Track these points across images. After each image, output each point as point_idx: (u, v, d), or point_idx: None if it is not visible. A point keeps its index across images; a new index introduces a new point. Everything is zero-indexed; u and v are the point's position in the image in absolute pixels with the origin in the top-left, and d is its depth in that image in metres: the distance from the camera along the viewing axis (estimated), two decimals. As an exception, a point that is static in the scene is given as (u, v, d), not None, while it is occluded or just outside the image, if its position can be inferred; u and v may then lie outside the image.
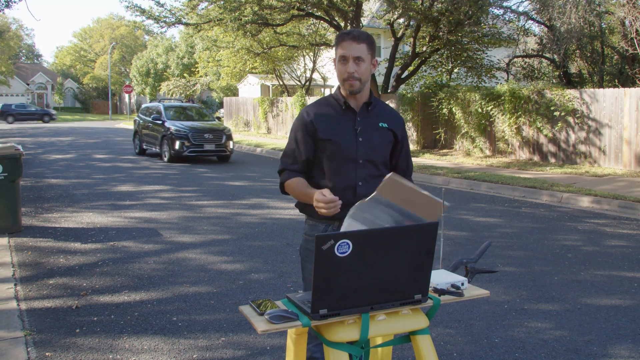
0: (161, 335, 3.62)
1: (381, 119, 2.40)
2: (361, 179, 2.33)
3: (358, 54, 2.25)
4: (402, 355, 3.34)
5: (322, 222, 2.38)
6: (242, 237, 6.26)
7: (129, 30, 65.14)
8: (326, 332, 1.81)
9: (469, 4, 13.78)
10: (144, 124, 15.85)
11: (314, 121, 2.35)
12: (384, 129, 2.38)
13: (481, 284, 4.44)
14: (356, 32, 2.27)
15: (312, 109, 2.41)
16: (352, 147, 2.32)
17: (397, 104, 16.72)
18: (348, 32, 2.28)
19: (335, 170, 2.32)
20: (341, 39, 2.28)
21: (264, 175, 11.85)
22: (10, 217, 6.34)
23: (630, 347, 3.49)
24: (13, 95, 58.33)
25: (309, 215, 2.43)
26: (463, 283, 2.03)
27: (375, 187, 2.31)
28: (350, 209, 1.99)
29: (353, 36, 2.26)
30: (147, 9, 15.26)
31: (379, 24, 19.95)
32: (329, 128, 2.33)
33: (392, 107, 2.50)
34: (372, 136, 2.35)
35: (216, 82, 36.64)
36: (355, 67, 2.25)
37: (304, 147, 2.36)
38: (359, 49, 2.24)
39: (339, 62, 2.29)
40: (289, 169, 2.40)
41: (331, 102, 2.41)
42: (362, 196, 2.29)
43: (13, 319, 3.83)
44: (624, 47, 15.96)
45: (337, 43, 2.30)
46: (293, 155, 2.39)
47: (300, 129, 2.38)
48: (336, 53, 2.32)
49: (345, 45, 2.25)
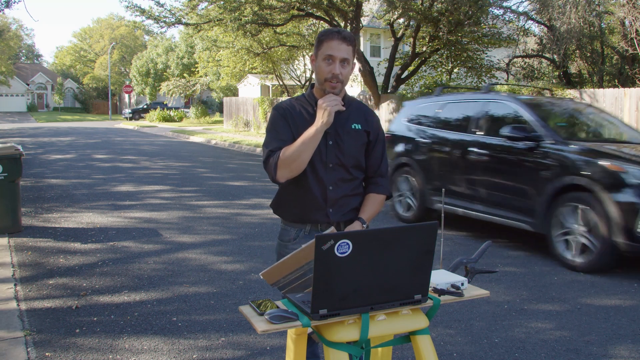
0: (161, 335, 3.62)
1: (354, 120, 2.31)
2: (332, 183, 2.28)
3: (346, 55, 2.18)
4: (402, 355, 3.34)
5: (294, 226, 2.35)
6: (242, 237, 6.26)
7: (129, 30, 65.11)
8: (326, 332, 1.81)
9: (469, 4, 13.78)
10: (446, 151, 6.78)
11: (287, 116, 2.28)
12: (356, 131, 2.30)
13: (481, 284, 4.44)
14: (346, 33, 2.20)
15: (287, 103, 2.33)
16: (321, 151, 2.25)
17: (397, 104, 16.72)
18: (338, 31, 2.19)
19: (307, 171, 2.25)
20: (329, 37, 2.18)
21: (264, 175, 11.85)
22: (10, 217, 6.34)
23: (630, 347, 3.49)
24: (13, 95, 58.39)
25: (282, 218, 2.40)
26: (463, 283, 2.03)
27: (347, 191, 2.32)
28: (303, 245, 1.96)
29: (343, 37, 2.17)
30: (147, 9, 15.26)
31: (379, 24, 19.96)
32: (300, 129, 2.24)
33: (367, 107, 2.40)
34: (342, 139, 2.27)
35: (216, 82, 36.62)
36: (340, 69, 2.18)
37: (285, 130, 2.27)
38: (347, 50, 2.18)
39: (323, 60, 2.19)
40: (274, 148, 2.24)
41: (303, 103, 2.33)
42: (333, 200, 2.29)
43: (13, 319, 3.83)
44: (624, 47, 15.96)
45: (323, 40, 2.19)
46: (276, 138, 2.26)
47: (278, 117, 2.29)
48: (318, 50, 2.21)
49: (334, 45, 2.16)
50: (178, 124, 35.07)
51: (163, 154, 16.65)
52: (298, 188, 2.30)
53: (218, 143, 20.82)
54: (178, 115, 39.07)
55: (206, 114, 38.29)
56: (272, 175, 2.23)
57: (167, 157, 15.62)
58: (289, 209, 2.36)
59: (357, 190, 2.35)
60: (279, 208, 2.41)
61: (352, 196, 2.33)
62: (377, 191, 2.37)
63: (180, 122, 37.62)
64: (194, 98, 48.21)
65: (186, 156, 15.89)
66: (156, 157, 15.33)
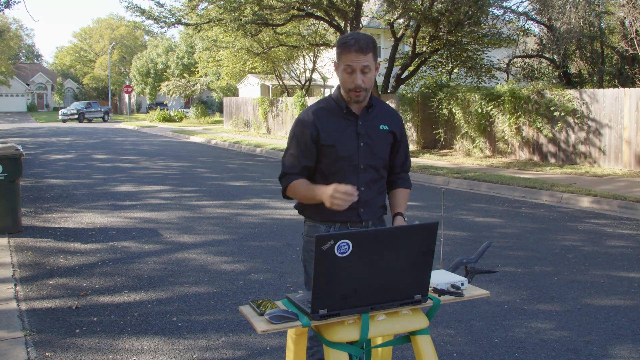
0: (161, 335, 3.62)
1: (381, 121, 2.36)
2: (363, 184, 2.31)
3: (366, 63, 2.17)
4: (402, 355, 3.34)
5: (323, 223, 2.35)
6: (242, 238, 6.26)
7: (129, 31, 65.13)
8: (326, 332, 1.81)
9: (469, 4, 13.79)
10: None
11: (317, 125, 2.28)
12: (384, 132, 2.35)
13: (481, 284, 4.45)
14: (363, 42, 2.16)
15: (314, 112, 2.32)
16: (354, 153, 2.29)
17: (397, 104, 16.72)
18: (354, 42, 2.15)
19: (337, 175, 2.29)
20: (347, 49, 2.17)
21: (264, 175, 11.85)
22: (10, 217, 6.34)
23: (630, 347, 3.49)
24: (13, 95, 58.43)
25: (309, 217, 2.40)
26: (463, 283, 2.03)
27: (376, 192, 2.38)
28: None
29: (360, 47, 2.15)
30: (147, 9, 15.28)
31: (379, 24, 19.95)
32: (331, 133, 2.28)
33: (390, 106, 2.47)
34: (373, 141, 2.32)
35: (216, 82, 36.64)
36: (362, 78, 2.19)
37: (306, 152, 2.30)
38: (367, 59, 2.16)
39: (344, 71, 2.20)
40: (290, 172, 2.32)
41: (332, 106, 2.34)
42: (364, 201, 2.33)
43: (13, 319, 3.83)
44: (624, 47, 15.95)
45: (342, 52, 2.19)
46: (294, 160, 2.32)
47: (302, 133, 2.30)
48: (339, 60, 2.22)
49: (353, 58, 2.16)
50: (178, 124, 35.07)
51: (163, 154, 16.65)
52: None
53: (218, 143, 20.82)
54: (178, 115, 39.08)
55: (206, 114, 38.29)
56: (282, 194, 2.40)
57: (167, 157, 15.63)
58: (318, 211, 2.32)
59: (383, 188, 2.44)
60: (305, 209, 2.39)
61: (380, 195, 2.41)
62: (405, 186, 2.49)
63: (180, 122, 37.62)
64: (194, 98, 48.21)
65: (186, 156, 15.89)
66: (156, 157, 15.33)
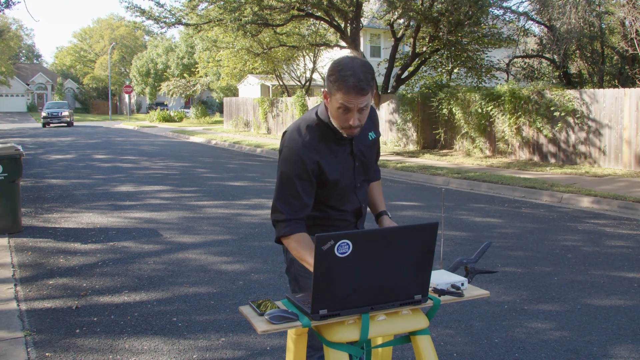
0: (161, 335, 3.62)
1: (368, 128, 2.25)
2: (363, 200, 2.31)
3: (364, 104, 1.98)
4: (402, 355, 3.34)
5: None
6: (242, 238, 6.26)
7: (129, 31, 65.14)
8: (326, 333, 1.81)
9: (469, 4, 13.79)
10: None
11: (318, 161, 2.10)
12: (372, 141, 2.28)
13: (481, 284, 4.45)
14: (364, 82, 1.93)
15: (309, 145, 2.09)
16: (351, 175, 2.22)
17: (397, 104, 16.73)
18: (353, 82, 1.92)
19: (335, 198, 2.23)
20: (344, 88, 1.93)
21: (264, 175, 11.85)
22: (10, 217, 6.34)
23: (630, 347, 3.49)
24: (13, 95, 58.42)
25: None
26: (463, 283, 2.03)
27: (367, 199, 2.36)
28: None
29: (359, 89, 1.93)
30: (147, 9, 15.27)
31: (379, 24, 19.96)
32: (334, 166, 2.14)
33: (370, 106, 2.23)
34: (365, 156, 2.25)
35: (216, 82, 36.65)
36: (359, 116, 2.01)
37: (309, 190, 2.11)
38: (365, 99, 1.97)
39: (338, 108, 1.99)
40: (296, 217, 2.08)
41: (323, 130, 2.12)
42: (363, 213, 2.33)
43: (13, 319, 3.83)
44: (624, 48, 15.96)
45: (338, 88, 1.95)
46: (297, 202, 2.09)
47: (304, 171, 2.08)
48: (332, 93, 1.99)
49: (351, 99, 1.94)
50: (178, 124, 35.08)
51: (163, 154, 16.64)
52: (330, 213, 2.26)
53: (218, 143, 20.82)
54: (178, 116, 39.09)
55: (206, 114, 38.30)
56: (276, 240, 2.17)
57: (167, 157, 15.62)
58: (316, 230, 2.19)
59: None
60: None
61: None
62: (376, 178, 2.47)
63: (180, 122, 37.63)
64: (194, 98, 48.22)
65: (186, 156, 15.89)
66: (156, 157, 15.33)
